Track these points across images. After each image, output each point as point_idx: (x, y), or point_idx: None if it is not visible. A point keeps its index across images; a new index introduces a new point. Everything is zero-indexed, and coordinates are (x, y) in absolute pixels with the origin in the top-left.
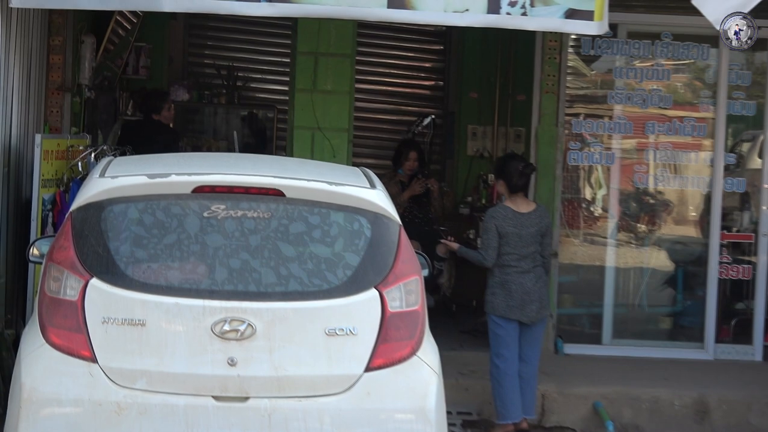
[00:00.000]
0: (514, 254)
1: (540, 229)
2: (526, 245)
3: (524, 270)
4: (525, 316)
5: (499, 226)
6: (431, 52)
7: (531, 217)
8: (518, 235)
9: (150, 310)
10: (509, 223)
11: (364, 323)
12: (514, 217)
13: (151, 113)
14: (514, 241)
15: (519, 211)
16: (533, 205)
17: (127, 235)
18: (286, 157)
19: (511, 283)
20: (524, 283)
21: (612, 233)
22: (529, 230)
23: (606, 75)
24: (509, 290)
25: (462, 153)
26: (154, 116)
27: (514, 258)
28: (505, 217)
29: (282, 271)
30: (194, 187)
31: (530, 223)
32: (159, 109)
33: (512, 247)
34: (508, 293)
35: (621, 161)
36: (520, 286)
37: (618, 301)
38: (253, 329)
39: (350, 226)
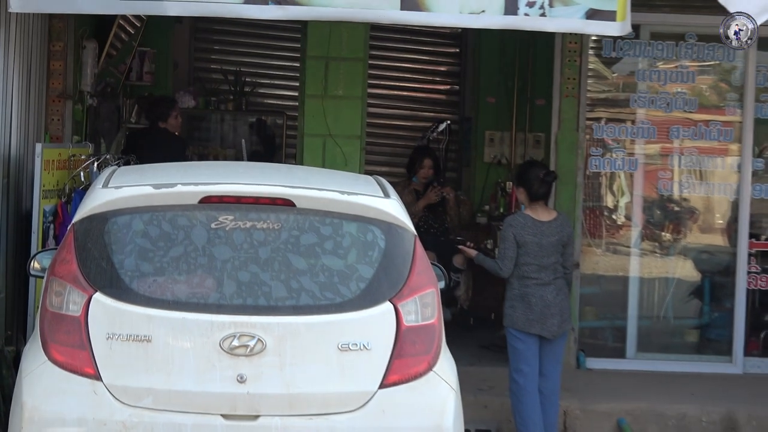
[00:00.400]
0: (533, 265)
1: (561, 238)
2: (547, 255)
3: (544, 282)
4: (546, 330)
5: (518, 234)
6: (446, 55)
7: (552, 226)
8: (538, 245)
9: (156, 325)
10: (528, 231)
11: (379, 338)
12: (534, 226)
13: (157, 121)
14: (534, 250)
15: (539, 220)
16: (554, 213)
17: (131, 248)
18: (296, 165)
19: (530, 296)
20: (544, 295)
21: (635, 242)
22: (550, 239)
23: (628, 78)
24: (529, 303)
25: (479, 160)
26: (161, 124)
27: (533, 269)
28: (524, 226)
29: (293, 284)
30: (201, 198)
31: (551, 232)
32: (166, 117)
33: (532, 258)
34: (527, 306)
35: (644, 167)
36: (540, 298)
37: (642, 313)
38: (263, 345)
39: (363, 236)
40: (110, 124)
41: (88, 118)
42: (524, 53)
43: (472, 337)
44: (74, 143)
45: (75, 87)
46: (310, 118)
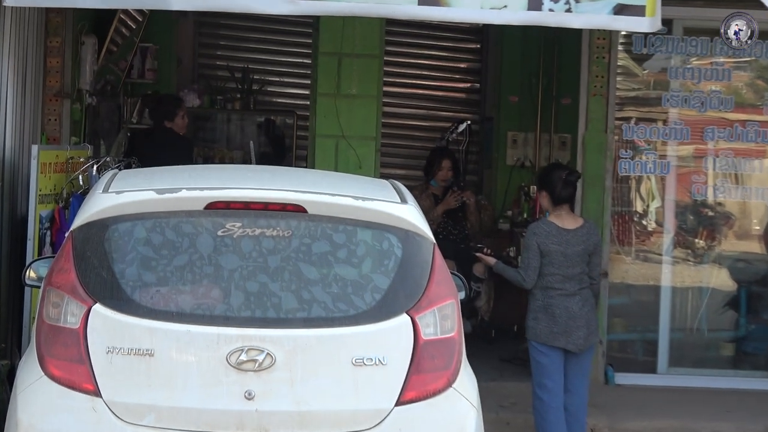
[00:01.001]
0: (558, 275)
1: (587, 247)
2: (572, 265)
3: (570, 292)
4: (571, 344)
5: (542, 243)
6: (467, 51)
7: (578, 234)
8: (563, 254)
9: (159, 338)
10: (553, 240)
11: (395, 352)
12: (559, 234)
13: (163, 120)
14: (559, 260)
15: (564, 227)
16: (580, 220)
17: (133, 257)
18: (307, 168)
19: (554, 307)
20: (570, 306)
21: (667, 250)
22: (576, 249)
23: (660, 75)
24: (553, 315)
25: (501, 162)
26: (167, 124)
27: (558, 279)
28: (549, 234)
29: (304, 295)
30: (207, 204)
31: (577, 240)
32: (172, 116)
33: (556, 267)
34: (551, 318)
35: (677, 170)
36: (565, 310)
37: (674, 326)
38: (272, 359)
39: (379, 245)
40: (110, 125)
41: (87, 118)
42: (549, 49)
43: (494, 351)
44: (72, 145)
45: (73, 85)
46: (322, 118)
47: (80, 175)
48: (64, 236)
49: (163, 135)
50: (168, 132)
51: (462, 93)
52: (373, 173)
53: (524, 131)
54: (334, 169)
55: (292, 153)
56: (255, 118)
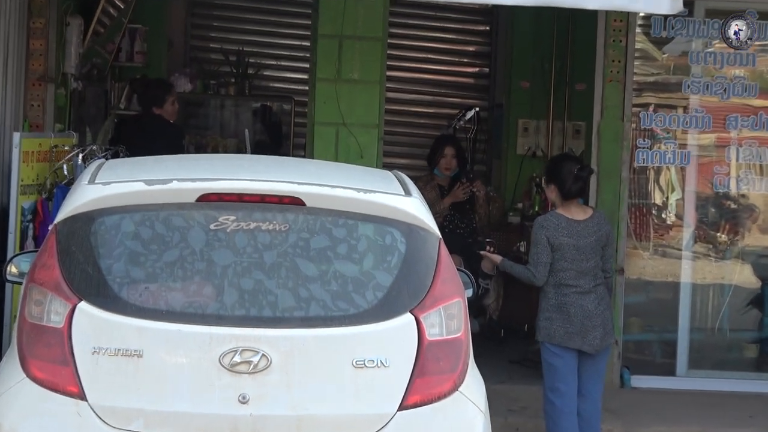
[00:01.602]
0: (571, 270)
1: (600, 238)
2: (586, 259)
3: (585, 290)
4: (587, 345)
5: (551, 237)
6: (475, 33)
7: (588, 225)
8: (575, 247)
9: (148, 338)
10: (563, 233)
11: (398, 353)
12: (569, 226)
13: (151, 106)
14: (571, 254)
15: (574, 218)
16: (589, 210)
17: (121, 252)
18: (305, 158)
19: (569, 306)
20: (585, 305)
21: (687, 244)
22: (588, 240)
23: (680, 59)
24: (568, 314)
25: (511, 152)
26: (156, 110)
27: (571, 275)
28: (558, 226)
29: (302, 292)
30: (199, 195)
31: (588, 231)
32: (162, 102)
33: (569, 262)
34: (566, 318)
35: (698, 160)
36: (581, 308)
37: (695, 325)
38: (268, 361)
39: (381, 239)
40: (97, 111)
41: (72, 103)
42: (563, 32)
43: (503, 352)
44: (56, 132)
45: (57, 69)
46: (321, 104)
47: (65, 164)
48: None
49: (152, 122)
50: (157, 119)
51: (470, 78)
52: (375, 163)
53: (536, 119)
54: (334, 159)
55: (290, 142)
56: (250, 104)
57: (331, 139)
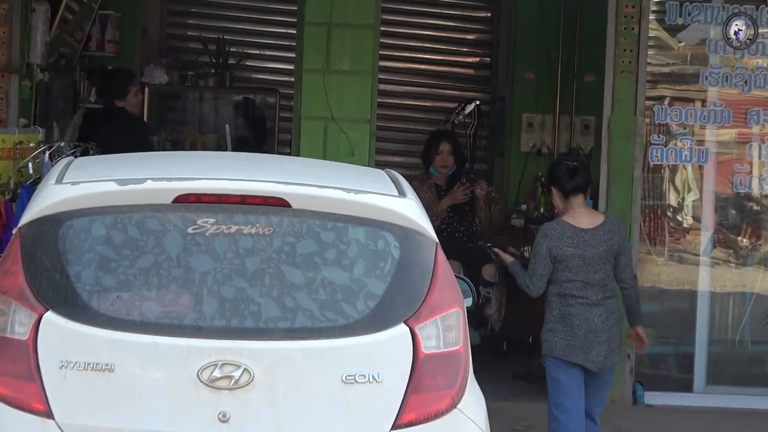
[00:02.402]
0: (577, 281)
1: (611, 247)
2: (594, 270)
3: (591, 302)
4: (590, 361)
5: (554, 247)
6: (475, 20)
7: (597, 234)
8: (581, 257)
9: (120, 351)
10: (567, 243)
11: (392, 368)
12: (575, 235)
13: (113, 99)
14: (577, 265)
15: (580, 227)
16: (600, 217)
17: (91, 257)
18: (291, 156)
19: (573, 317)
20: (591, 318)
21: (705, 249)
22: (596, 250)
23: (698, 49)
24: (571, 326)
25: (514, 149)
26: (118, 103)
27: (577, 286)
28: (562, 236)
29: (287, 302)
30: (176, 196)
31: (596, 240)
32: (124, 93)
33: (574, 273)
34: (569, 330)
35: (716, 158)
36: (585, 321)
37: (713, 337)
38: (250, 376)
39: (373, 244)
40: (65, 104)
41: (37, 96)
42: (570, 18)
43: (505, 366)
44: (21, 128)
45: (22, 59)
46: (308, 97)
47: (30, 162)
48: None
49: (116, 117)
50: (120, 113)
51: (470, 69)
52: (366, 161)
53: (541, 113)
54: (322, 157)
55: (274, 138)
56: (231, 97)
57: (318, 135)
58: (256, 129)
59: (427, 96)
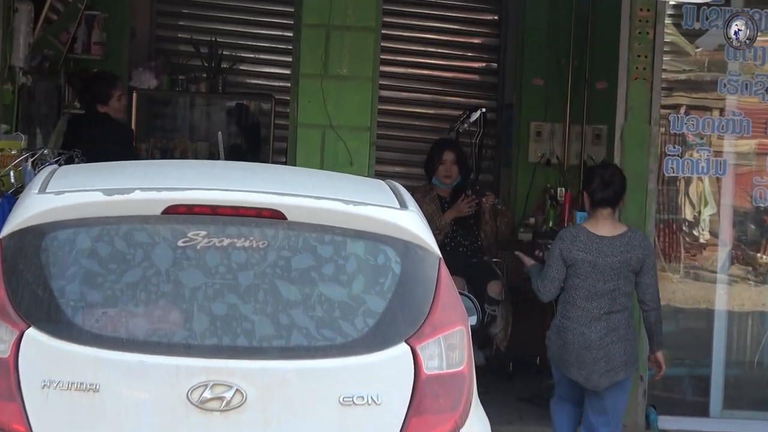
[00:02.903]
0: (583, 289)
1: (628, 260)
2: (603, 279)
3: (593, 315)
4: (583, 379)
5: (565, 249)
6: (482, 24)
7: (614, 244)
8: (591, 264)
9: (106, 370)
10: (579, 246)
11: (392, 389)
12: (588, 240)
13: (95, 104)
14: (585, 271)
15: (597, 233)
16: (622, 228)
17: (75, 271)
18: (287, 165)
19: (567, 332)
20: (587, 333)
21: (723, 266)
22: (609, 259)
23: (716, 54)
24: (564, 341)
25: (522, 159)
26: (100, 108)
27: (582, 294)
28: (575, 239)
29: (282, 319)
30: (165, 207)
31: (612, 250)
32: (106, 98)
33: (581, 279)
34: (562, 345)
35: (735, 170)
36: (581, 336)
37: (731, 359)
38: (242, 397)
39: (373, 259)
40: (49, 110)
41: (20, 101)
42: (582, 22)
43: (512, 388)
44: (2, 134)
45: (4, 62)
46: (305, 103)
47: (11, 170)
48: None
49: (98, 123)
50: (103, 118)
51: (476, 74)
52: (366, 171)
53: (550, 121)
54: (320, 166)
55: (269, 146)
56: (224, 103)
57: (316, 143)
58: (250, 137)
59: (430, 103)
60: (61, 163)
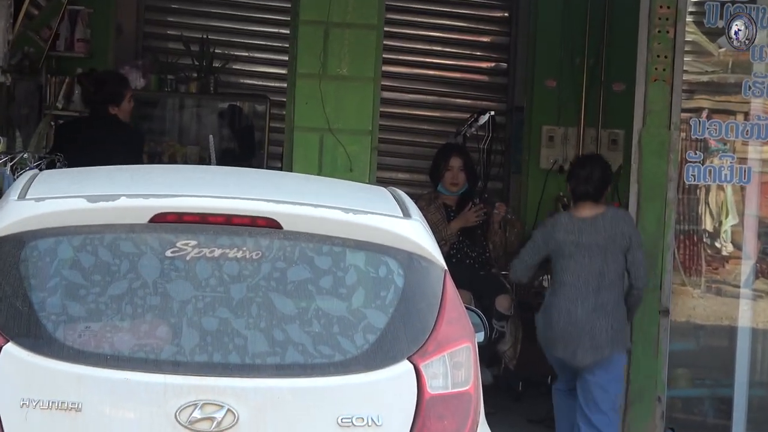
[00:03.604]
0: (569, 270)
1: (614, 237)
2: (589, 256)
3: (580, 294)
4: (569, 355)
5: (546, 234)
6: (491, 21)
7: (596, 223)
8: (575, 244)
9: (89, 388)
10: (560, 229)
11: (393, 410)
12: (570, 223)
13: (107, 105)
14: (570, 250)
15: (578, 216)
16: (602, 207)
17: (56, 283)
18: (283, 171)
19: (553, 309)
20: (572, 310)
21: (747, 281)
22: (595, 238)
23: (740, 55)
24: (550, 319)
25: (533, 165)
26: (112, 109)
27: (569, 275)
28: (556, 224)
29: (277, 335)
30: (153, 215)
31: (595, 229)
32: (119, 99)
33: (567, 260)
34: (548, 322)
35: (760, 178)
36: (566, 313)
37: (755, 379)
38: (234, 417)
39: (374, 271)
40: (29, 110)
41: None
42: (598, 20)
43: (521, 409)
44: None
45: None
46: (302, 105)
47: None
48: None
49: (109, 125)
50: (113, 120)
51: (484, 75)
52: (367, 178)
53: (564, 125)
54: (318, 172)
55: (264, 150)
56: (216, 104)
57: (314, 147)
58: (244, 140)
59: (435, 105)
60: (42, 168)
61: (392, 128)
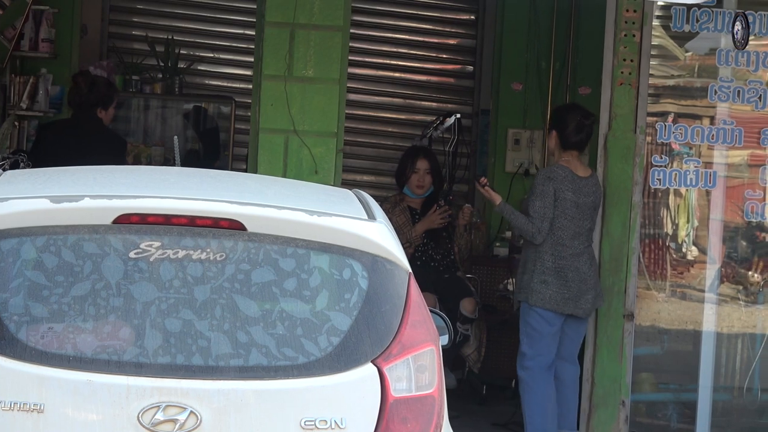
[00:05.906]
0: (569, 229)
1: (596, 199)
2: (583, 217)
3: (578, 251)
4: (579, 308)
5: (558, 190)
6: (457, 24)
7: (589, 183)
8: (575, 204)
9: (51, 390)
10: (568, 187)
11: (357, 412)
12: (573, 181)
13: (97, 107)
14: (572, 211)
15: (577, 174)
16: (589, 170)
17: (19, 284)
18: (247, 173)
19: (567, 270)
20: (580, 267)
21: (712, 285)
22: (587, 199)
23: (707, 59)
24: (565, 278)
25: (499, 168)
26: (99, 112)
27: (568, 234)
28: (564, 179)
29: (240, 337)
30: (116, 216)
31: (588, 190)
32: (109, 103)
33: (568, 220)
34: (563, 282)
35: (726, 183)
36: (577, 272)
37: (719, 383)
38: (197, 419)
39: (338, 273)
40: None
41: None
42: (564, 23)
43: (485, 413)
44: None
45: None
46: (267, 107)
47: None
48: None
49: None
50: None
51: (451, 78)
52: (332, 180)
53: (530, 129)
54: (283, 174)
55: (229, 152)
56: (181, 105)
57: (279, 149)
58: (208, 142)
59: (401, 108)
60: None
61: (358, 130)
